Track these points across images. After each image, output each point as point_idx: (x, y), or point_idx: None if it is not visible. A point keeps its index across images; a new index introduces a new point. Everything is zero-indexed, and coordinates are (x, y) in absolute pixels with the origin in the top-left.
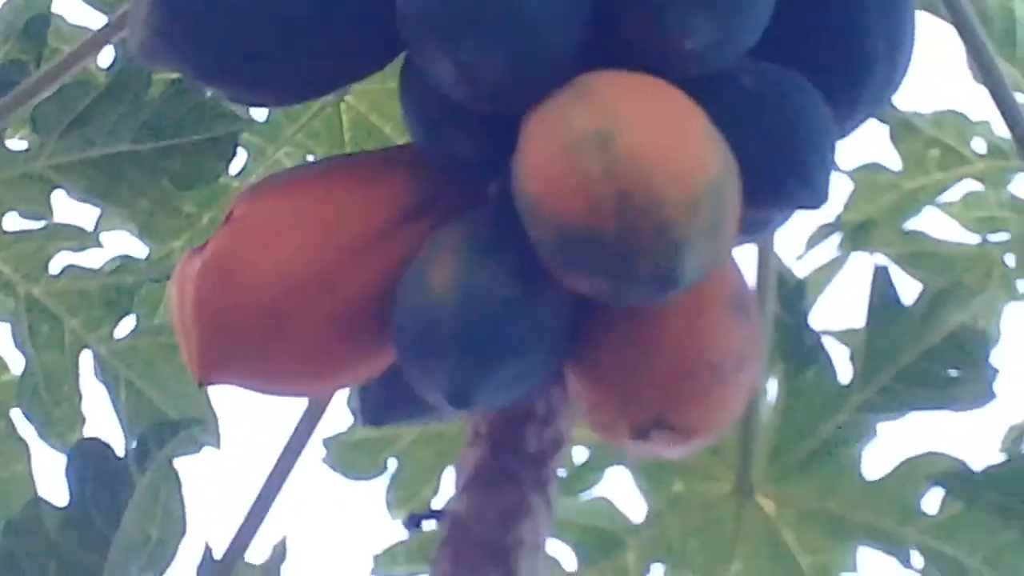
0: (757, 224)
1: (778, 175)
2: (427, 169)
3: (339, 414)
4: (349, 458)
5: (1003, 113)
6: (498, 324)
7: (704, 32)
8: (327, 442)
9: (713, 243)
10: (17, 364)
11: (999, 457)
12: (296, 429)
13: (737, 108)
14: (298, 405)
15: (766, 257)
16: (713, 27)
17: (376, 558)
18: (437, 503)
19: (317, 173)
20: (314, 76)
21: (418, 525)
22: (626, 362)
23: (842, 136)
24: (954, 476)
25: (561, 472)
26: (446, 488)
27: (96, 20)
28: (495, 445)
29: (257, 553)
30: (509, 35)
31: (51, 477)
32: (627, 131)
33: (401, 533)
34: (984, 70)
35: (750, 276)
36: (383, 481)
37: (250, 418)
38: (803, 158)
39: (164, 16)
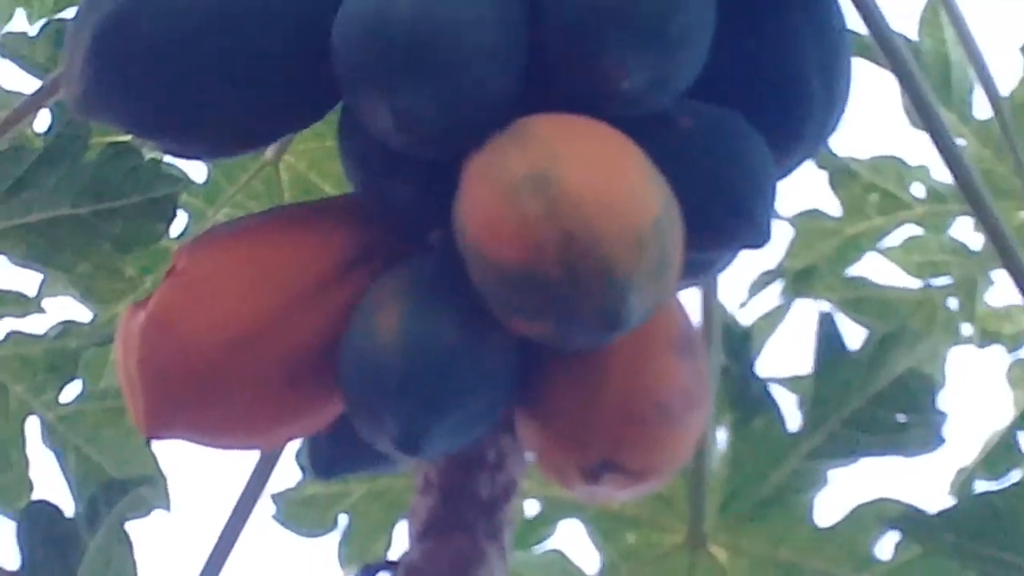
0: (700, 266)
1: (719, 214)
2: (368, 217)
3: (289, 470)
4: (299, 514)
5: (944, 157)
6: (446, 368)
7: (640, 73)
8: (276, 498)
9: (658, 282)
10: None
11: (948, 500)
12: (246, 486)
13: (675, 148)
14: (248, 460)
15: (710, 306)
16: (649, 68)
17: None
18: (391, 554)
19: (258, 224)
20: (250, 127)
21: None
22: (573, 404)
23: (782, 176)
24: (910, 520)
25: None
26: (398, 542)
27: (30, 84)
28: (446, 493)
29: None
30: (446, 81)
31: (1, 542)
32: (567, 172)
33: None
34: (923, 114)
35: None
36: (335, 536)
37: (200, 477)
38: (744, 196)
39: (98, 70)
